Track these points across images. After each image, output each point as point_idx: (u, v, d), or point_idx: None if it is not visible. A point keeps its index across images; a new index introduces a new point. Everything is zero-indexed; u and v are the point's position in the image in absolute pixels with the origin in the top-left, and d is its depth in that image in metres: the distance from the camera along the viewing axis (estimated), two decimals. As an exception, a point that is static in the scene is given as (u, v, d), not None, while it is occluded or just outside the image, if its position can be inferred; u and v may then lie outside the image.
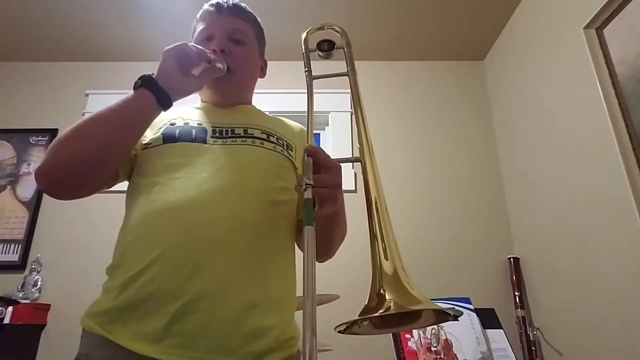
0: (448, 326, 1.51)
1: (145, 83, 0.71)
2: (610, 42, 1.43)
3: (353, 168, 2.09)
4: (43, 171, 0.68)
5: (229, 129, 0.81)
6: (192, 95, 0.90)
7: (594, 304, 1.44)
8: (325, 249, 0.82)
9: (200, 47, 0.76)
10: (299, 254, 0.83)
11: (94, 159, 0.68)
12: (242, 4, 0.91)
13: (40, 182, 0.69)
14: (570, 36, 1.59)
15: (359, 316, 0.50)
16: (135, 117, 0.71)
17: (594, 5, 1.44)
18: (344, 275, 1.71)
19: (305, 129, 0.92)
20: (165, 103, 0.72)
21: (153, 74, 0.73)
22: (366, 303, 0.51)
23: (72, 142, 0.67)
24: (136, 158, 0.77)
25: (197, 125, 0.80)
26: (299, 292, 0.59)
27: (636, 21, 1.31)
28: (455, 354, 1.45)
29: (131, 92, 0.72)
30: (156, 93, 0.71)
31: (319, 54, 0.83)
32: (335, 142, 2.22)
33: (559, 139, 1.68)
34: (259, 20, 0.94)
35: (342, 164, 0.66)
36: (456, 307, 1.60)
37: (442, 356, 1.43)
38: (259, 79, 0.98)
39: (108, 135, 0.68)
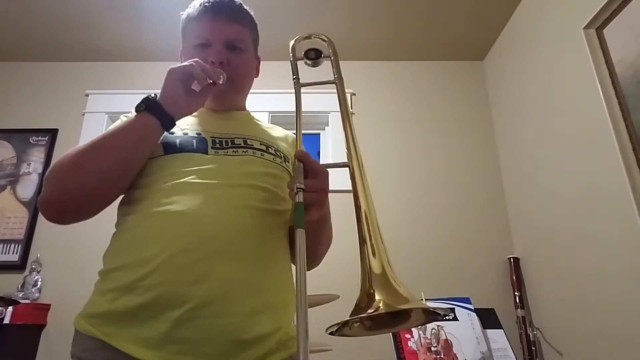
0: (448, 326, 1.51)
1: (149, 108, 0.70)
2: (610, 42, 1.43)
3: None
4: (49, 202, 0.68)
5: (229, 140, 0.81)
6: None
7: (594, 304, 1.44)
8: (312, 256, 0.82)
9: (205, 65, 0.75)
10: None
11: (100, 190, 0.68)
12: (236, 1, 0.88)
13: (47, 212, 0.68)
14: (570, 36, 1.59)
15: (349, 317, 0.51)
16: (139, 143, 0.70)
17: (594, 5, 1.44)
18: (344, 275, 1.70)
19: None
20: (169, 126, 0.72)
21: (156, 95, 0.72)
22: (355, 305, 0.52)
23: (76, 174, 0.66)
24: None
25: (196, 136, 0.79)
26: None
27: (636, 21, 1.31)
28: (455, 354, 1.45)
29: (138, 96, 0.71)
30: (161, 118, 0.71)
31: (306, 62, 0.85)
32: (335, 142, 2.22)
33: (559, 139, 1.68)
34: (252, 15, 0.92)
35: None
36: (456, 308, 1.60)
37: (442, 356, 1.43)
38: (255, 79, 0.98)
39: (114, 165, 0.68)
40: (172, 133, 0.78)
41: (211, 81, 0.76)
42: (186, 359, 0.60)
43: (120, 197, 0.77)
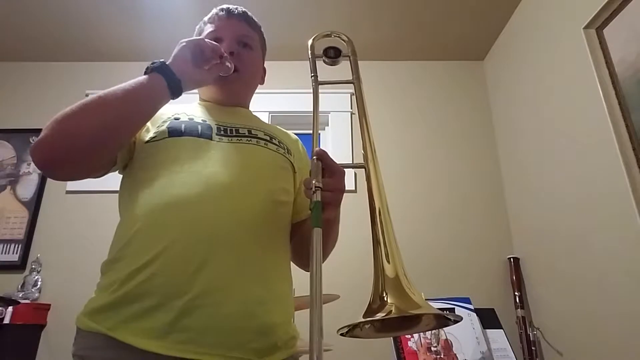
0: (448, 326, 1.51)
1: (158, 68, 0.71)
2: (610, 42, 1.43)
3: (356, 169, 2.09)
4: (43, 144, 0.64)
5: (234, 128, 0.81)
6: (192, 94, 0.90)
7: (594, 304, 1.44)
8: None
9: (215, 43, 0.78)
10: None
11: (99, 139, 0.66)
12: (249, 12, 0.94)
13: (37, 155, 0.65)
14: (570, 36, 1.59)
15: (361, 319, 0.51)
16: (145, 100, 0.70)
17: (594, 5, 1.44)
18: (344, 276, 1.71)
19: (300, 140, 0.96)
20: (176, 90, 0.72)
21: (165, 60, 0.73)
22: (367, 307, 0.52)
23: (78, 119, 0.65)
24: (135, 146, 0.76)
25: (202, 122, 0.80)
26: (302, 292, 0.59)
27: (636, 21, 1.31)
28: (455, 354, 1.45)
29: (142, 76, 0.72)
30: (168, 78, 0.71)
31: (324, 61, 0.85)
32: (335, 143, 2.22)
33: (559, 139, 1.68)
34: (262, 29, 0.97)
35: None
36: (456, 308, 1.60)
37: (442, 356, 1.43)
38: (258, 85, 0.99)
39: (116, 116, 0.67)
40: (178, 119, 0.79)
41: (219, 61, 0.77)
42: (189, 348, 0.60)
43: (120, 191, 0.77)
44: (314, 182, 0.60)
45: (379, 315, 0.50)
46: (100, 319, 0.62)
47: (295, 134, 0.99)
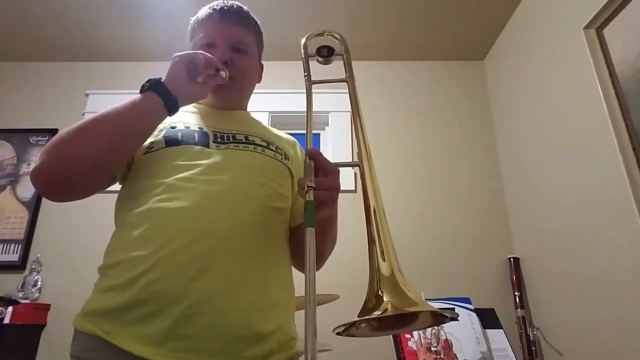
0: (448, 326, 1.51)
1: (153, 86, 0.70)
2: (610, 42, 1.43)
3: (353, 168, 2.09)
4: (42, 171, 0.65)
5: (230, 135, 0.81)
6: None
7: (594, 304, 1.44)
8: (317, 256, 0.82)
9: (209, 55, 0.76)
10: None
11: (98, 162, 0.66)
12: (244, 8, 0.91)
13: (38, 182, 0.66)
14: (570, 36, 1.59)
15: (357, 317, 0.51)
16: (142, 120, 0.70)
17: (594, 5, 1.44)
18: (344, 276, 1.71)
19: (298, 143, 0.96)
20: (172, 107, 0.72)
21: (161, 78, 0.72)
22: (363, 306, 0.52)
23: (76, 143, 0.65)
24: (133, 160, 0.77)
25: (198, 129, 0.79)
26: (299, 293, 0.59)
27: (636, 21, 1.31)
28: (455, 354, 1.45)
29: (137, 94, 0.71)
30: (164, 97, 0.70)
31: (318, 60, 0.85)
32: (335, 142, 2.22)
33: (558, 139, 1.68)
34: (258, 24, 0.94)
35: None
36: (456, 308, 1.60)
37: (442, 356, 1.43)
38: (256, 83, 0.99)
39: (114, 138, 0.67)
40: (174, 127, 0.79)
41: (214, 72, 0.77)
42: (186, 356, 0.60)
43: (118, 200, 0.77)
44: (307, 181, 0.60)
45: (375, 314, 0.50)
46: (97, 322, 0.62)
47: (295, 134, 0.99)
